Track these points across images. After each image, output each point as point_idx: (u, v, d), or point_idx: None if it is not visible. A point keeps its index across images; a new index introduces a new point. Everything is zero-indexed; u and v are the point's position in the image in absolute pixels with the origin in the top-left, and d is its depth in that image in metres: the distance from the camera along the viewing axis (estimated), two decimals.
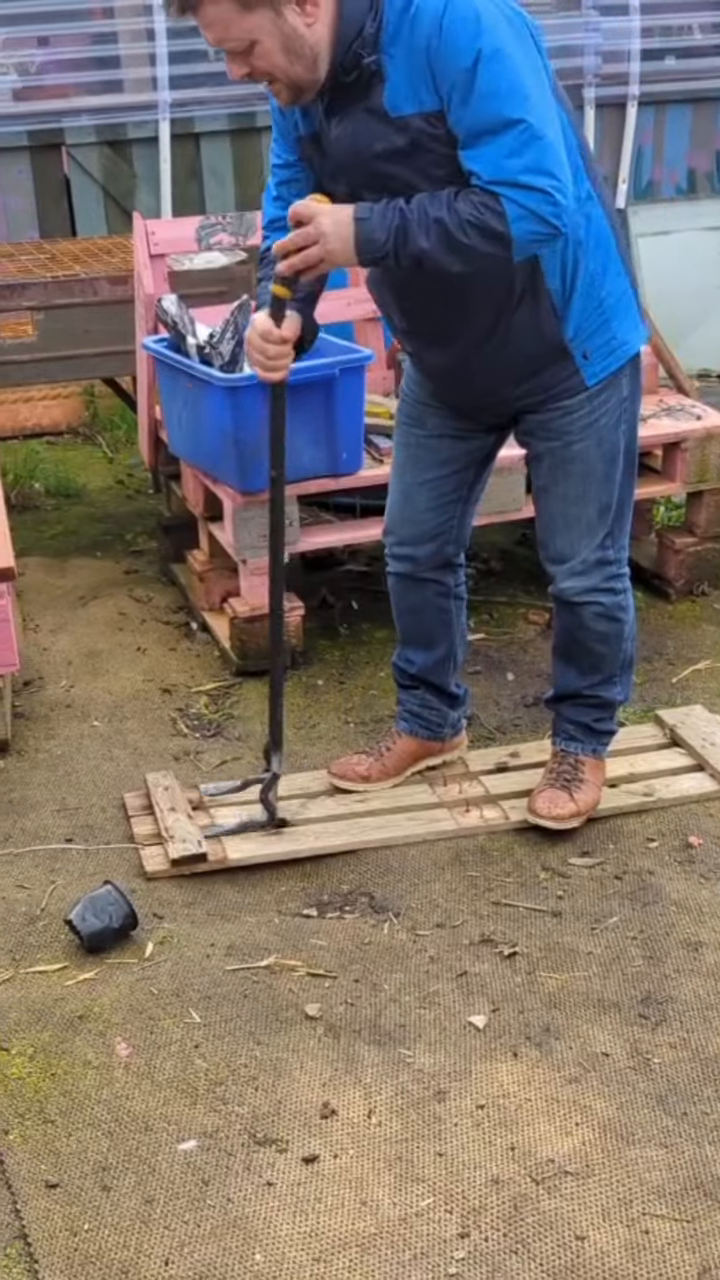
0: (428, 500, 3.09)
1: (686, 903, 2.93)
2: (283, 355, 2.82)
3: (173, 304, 3.83)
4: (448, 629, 3.24)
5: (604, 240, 2.77)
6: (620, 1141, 2.35)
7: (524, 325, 2.76)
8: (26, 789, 3.40)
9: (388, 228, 2.57)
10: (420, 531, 3.12)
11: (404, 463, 3.11)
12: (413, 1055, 2.55)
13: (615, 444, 2.91)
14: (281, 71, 2.55)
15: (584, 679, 3.13)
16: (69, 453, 5.75)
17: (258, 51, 2.53)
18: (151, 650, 4.09)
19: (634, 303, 2.87)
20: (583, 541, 2.97)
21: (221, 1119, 2.42)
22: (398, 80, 2.54)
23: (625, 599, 3.06)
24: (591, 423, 2.87)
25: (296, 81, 2.57)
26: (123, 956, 2.81)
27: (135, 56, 6.22)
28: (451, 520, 3.11)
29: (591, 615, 3.03)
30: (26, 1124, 2.41)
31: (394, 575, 3.22)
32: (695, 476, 4.18)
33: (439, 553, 3.14)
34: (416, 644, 3.26)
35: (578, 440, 2.88)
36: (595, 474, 2.91)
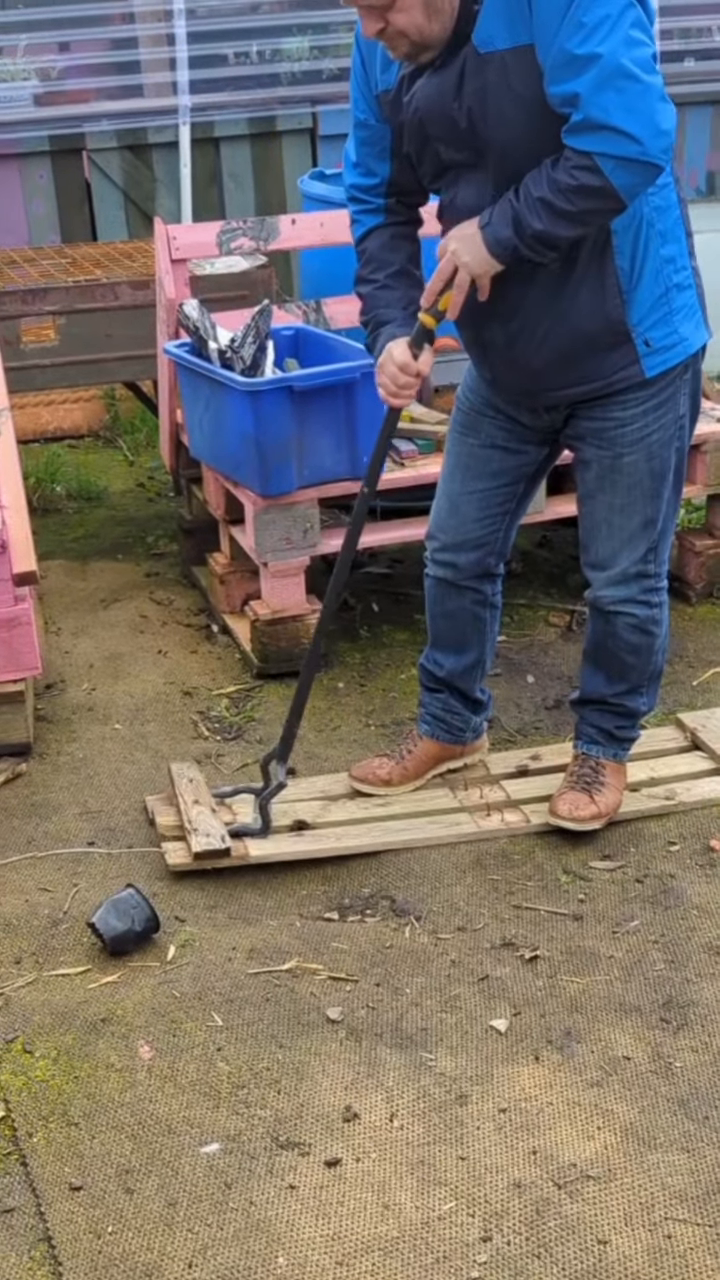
0: (476, 510, 3.09)
1: (708, 906, 2.92)
2: (412, 386, 2.85)
3: (194, 309, 3.84)
4: (480, 636, 3.24)
5: (677, 230, 2.77)
6: (642, 1146, 2.35)
7: (587, 302, 2.75)
8: (49, 792, 3.42)
9: (508, 222, 2.60)
10: (464, 540, 3.12)
11: (454, 470, 3.11)
12: (434, 1059, 2.55)
13: (666, 461, 2.90)
14: (417, 29, 2.54)
15: (610, 686, 3.13)
16: (90, 456, 5.77)
17: (399, 6, 2.51)
18: (173, 653, 4.10)
19: (698, 301, 2.86)
20: (624, 551, 2.97)
21: (244, 1122, 2.42)
22: (492, 13, 2.52)
23: (660, 613, 3.06)
24: (644, 437, 2.86)
25: (428, 38, 2.56)
26: (145, 959, 2.82)
27: (155, 61, 6.25)
28: (497, 532, 3.12)
29: (624, 625, 3.03)
30: (50, 1127, 2.43)
31: (433, 579, 3.22)
32: (715, 479, 4.18)
33: (481, 562, 3.14)
34: (447, 648, 3.25)
35: (628, 453, 2.88)
36: (643, 487, 2.90)
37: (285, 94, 6.45)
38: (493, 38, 2.53)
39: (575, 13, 2.44)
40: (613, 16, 2.43)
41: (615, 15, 2.43)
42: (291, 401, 3.64)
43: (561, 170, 2.53)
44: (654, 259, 2.74)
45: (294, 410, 3.65)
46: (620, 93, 2.45)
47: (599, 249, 2.70)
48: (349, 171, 2.94)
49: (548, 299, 2.76)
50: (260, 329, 3.74)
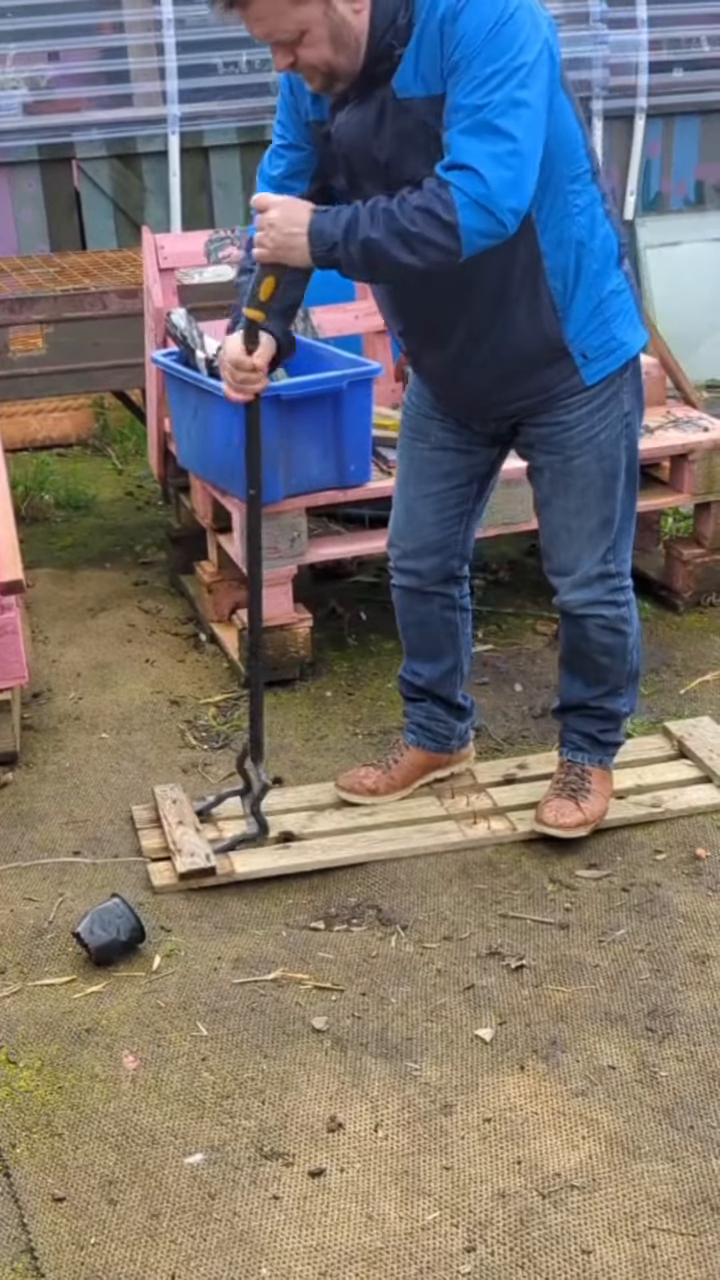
0: (431, 514, 3.09)
1: (694, 915, 2.92)
2: (252, 381, 2.85)
3: (182, 318, 3.84)
4: (454, 641, 3.24)
5: (608, 242, 2.78)
6: (626, 1155, 2.35)
7: (523, 324, 2.76)
8: (35, 801, 3.41)
9: (338, 221, 2.58)
10: (424, 545, 3.12)
11: (407, 476, 3.12)
12: (419, 1068, 2.55)
13: (616, 459, 2.91)
14: (325, 62, 2.56)
15: (589, 690, 3.14)
16: (79, 465, 5.76)
17: (306, 41, 2.53)
18: (160, 662, 4.10)
19: (634, 304, 2.87)
20: (584, 554, 2.98)
21: (228, 1132, 2.42)
22: (409, 62, 2.54)
23: (628, 611, 3.07)
24: (591, 438, 2.87)
25: (337, 71, 2.58)
26: (130, 969, 2.81)
27: (145, 71, 6.25)
28: (455, 534, 3.12)
29: (595, 627, 3.03)
30: (34, 1137, 2.42)
31: (399, 589, 3.23)
32: (703, 488, 4.19)
33: (443, 566, 3.14)
34: (423, 657, 3.26)
35: (577, 455, 2.89)
36: (595, 488, 2.91)
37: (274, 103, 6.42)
38: (409, 85, 2.56)
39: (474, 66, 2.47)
40: (502, 73, 2.46)
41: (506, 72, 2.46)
42: (279, 411, 3.64)
43: (419, 193, 2.54)
44: (586, 274, 2.75)
45: (281, 419, 3.65)
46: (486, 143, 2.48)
47: (531, 272, 2.71)
48: (262, 184, 2.92)
49: (483, 325, 2.77)
50: None
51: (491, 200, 2.48)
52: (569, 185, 2.67)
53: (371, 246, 2.56)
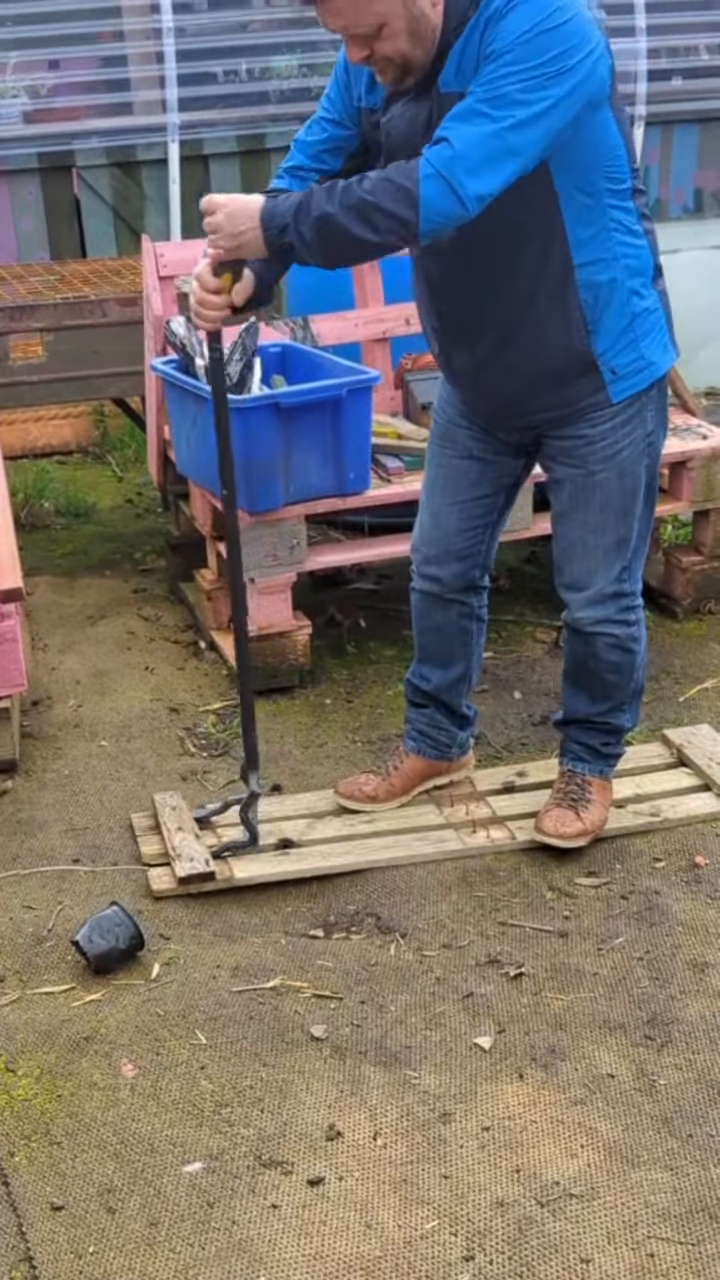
0: (458, 522, 3.09)
1: (693, 923, 2.92)
2: (213, 307, 2.73)
3: (181, 326, 3.85)
4: (467, 649, 3.25)
5: (644, 260, 2.78)
6: (625, 1164, 2.35)
7: (551, 332, 2.76)
8: (34, 809, 3.41)
9: (289, 202, 2.54)
10: (448, 552, 3.13)
11: (435, 482, 3.12)
12: (418, 1077, 2.55)
13: (637, 477, 2.90)
14: (402, 54, 2.54)
15: (593, 706, 3.14)
16: (79, 472, 5.77)
17: (385, 34, 2.51)
18: (159, 669, 4.10)
19: (665, 324, 2.87)
20: (599, 571, 2.97)
21: (227, 1141, 2.42)
22: (454, 57, 2.54)
23: (638, 630, 3.07)
24: (614, 454, 2.87)
25: (412, 64, 2.56)
26: (129, 977, 2.81)
27: (145, 79, 6.27)
28: (480, 543, 3.12)
29: (604, 645, 3.03)
30: (32, 1145, 2.42)
31: (419, 593, 3.22)
32: (702, 495, 4.19)
33: (465, 574, 3.15)
34: (434, 662, 3.26)
35: (600, 470, 2.88)
36: (614, 505, 2.91)
37: (274, 111, 6.48)
38: (450, 81, 2.56)
39: (498, 63, 2.45)
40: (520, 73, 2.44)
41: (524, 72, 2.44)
42: (278, 418, 3.65)
43: (388, 168, 2.52)
44: (620, 290, 2.75)
45: (280, 427, 3.65)
46: (471, 124, 2.46)
47: (563, 281, 2.71)
48: (298, 150, 2.86)
49: (513, 328, 2.77)
50: (247, 346, 3.75)
51: (456, 177, 2.44)
52: (608, 199, 2.67)
53: (326, 221, 2.49)
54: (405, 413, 4.40)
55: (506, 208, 2.57)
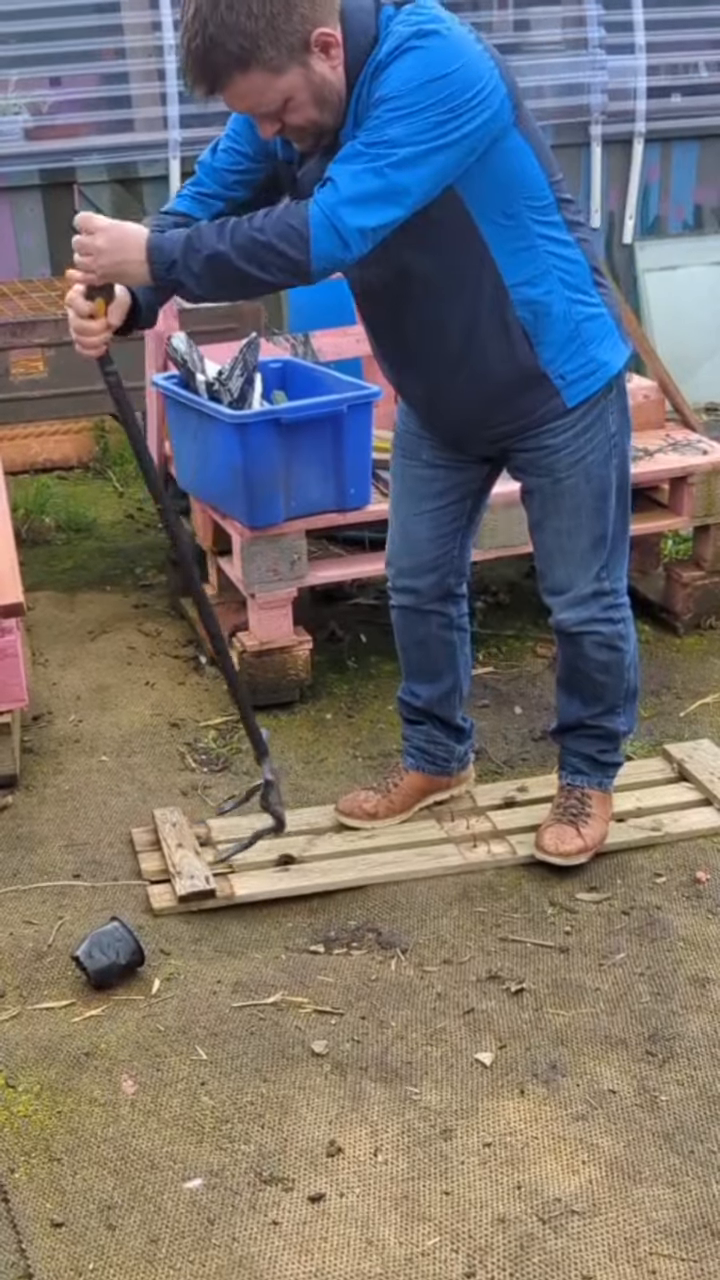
0: (427, 532, 3.10)
1: (694, 938, 2.92)
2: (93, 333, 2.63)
3: (182, 342, 3.85)
4: (452, 661, 3.25)
5: (578, 268, 2.77)
6: (627, 1180, 2.34)
7: (495, 355, 2.77)
8: (35, 824, 3.41)
9: (177, 238, 2.51)
10: (420, 563, 3.13)
11: (401, 494, 3.13)
12: (419, 1093, 2.54)
13: (606, 479, 2.91)
14: (312, 122, 2.54)
15: (587, 709, 3.14)
16: (79, 487, 5.78)
17: (290, 107, 2.51)
18: (160, 684, 4.10)
19: (612, 324, 2.85)
20: (578, 574, 2.98)
21: (227, 1157, 2.41)
22: (351, 110, 2.56)
23: (624, 628, 3.07)
24: (579, 460, 2.88)
25: (324, 128, 2.57)
26: (129, 993, 2.81)
27: (146, 96, 6.29)
28: (451, 551, 3.13)
29: (591, 645, 3.04)
30: (32, 1162, 2.41)
31: (397, 608, 3.23)
32: (702, 510, 4.19)
33: (440, 584, 3.15)
34: (421, 677, 3.26)
35: (566, 477, 2.89)
36: (586, 508, 2.92)
37: None
38: (349, 133, 2.56)
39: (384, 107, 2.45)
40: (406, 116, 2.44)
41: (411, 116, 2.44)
42: (279, 434, 3.65)
43: (278, 209, 2.51)
44: (559, 302, 2.75)
45: (281, 442, 3.66)
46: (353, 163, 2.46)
47: (499, 305, 2.71)
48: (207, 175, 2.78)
49: (456, 358, 2.78)
50: (248, 362, 3.76)
51: (338, 216, 2.44)
52: (531, 218, 2.68)
53: (216, 259, 2.47)
54: None
55: (427, 247, 2.62)
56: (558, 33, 6.77)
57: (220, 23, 2.39)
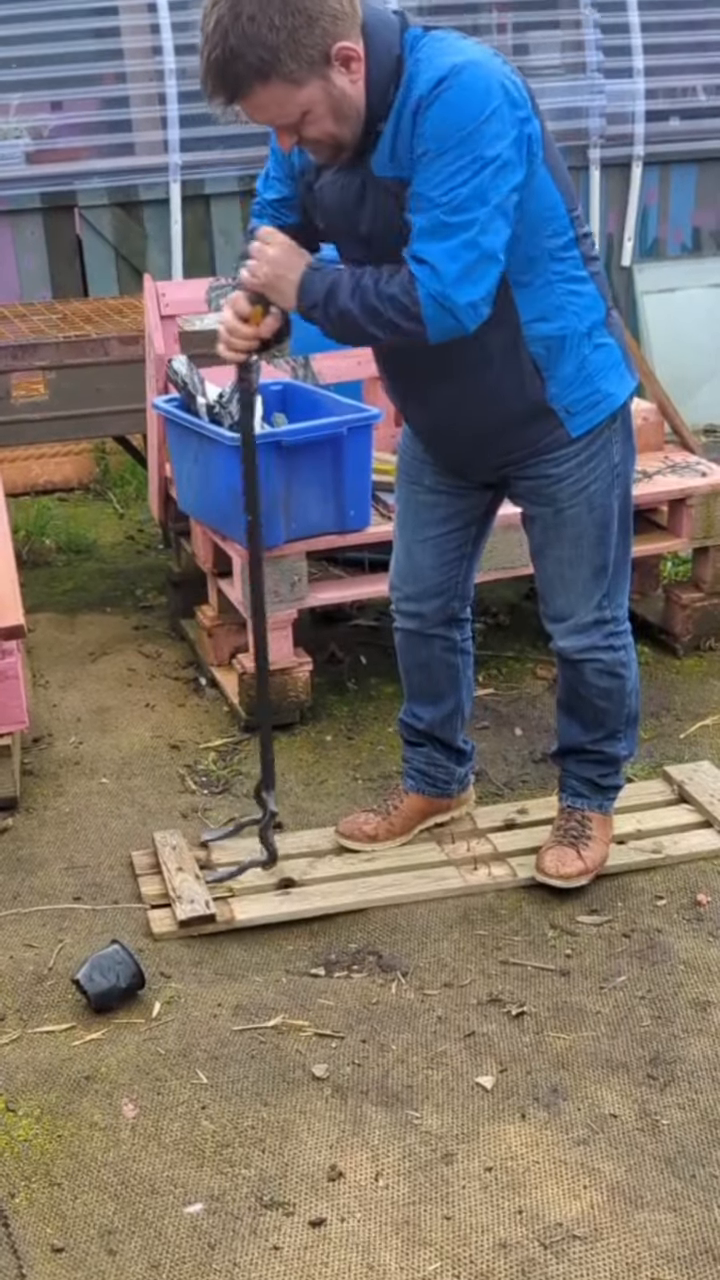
0: (432, 557, 3.11)
1: (695, 961, 2.92)
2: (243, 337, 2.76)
3: (183, 365, 3.87)
4: (455, 684, 3.25)
5: (593, 304, 2.79)
6: (629, 1205, 2.33)
7: (505, 389, 2.78)
8: (35, 847, 3.41)
9: (325, 282, 2.61)
10: (425, 588, 3.14)
11: (406, 519, 3.14)
12: (420, 1116, 2.54)
13: (608, 508, 2.92)
14: (330, 135, 2.56)
15: (587, 734, 3.14)
16: (80, 509, 5.79)
17: (308, 120, 2.52)
18: (160, 706, 4.10)
19: (620, 357, 2.86)
20: (579, 602, 2.99)
21: (228, 1181, 2.40)
22: (386, 143, 2.57)
23: (625, 655, 3.07)
24: (581, 489, 2.88)
25: (342, 142, 2.58)
26: (130, 1016, 2.80)
27: (147, 120, 6.32)
28: (456, 576, 3.13)
29: (592, 672, 3.04)
30: (33, 1186, 2.40)
31: (401, 631, 3.24)
32: (701, 532, 4.20)
33: (445, 608, 3.16)
34: (424, 699, 3.27)
35: (568, 506, 2.90)
36: (588, 537, 2.92)
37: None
38: (385, 166, 2.58)
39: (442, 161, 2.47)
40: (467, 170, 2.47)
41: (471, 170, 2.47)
42: (279, 456, 3.66)
43: (393, 279, 2.56)
44: (571, 338, 2.76)
45: (281, 465, 3.67)
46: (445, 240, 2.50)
47: (513, 342, 2.72)
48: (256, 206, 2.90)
49: (464, 391, 2.79)
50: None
51: (448, 298, 2.51)
52: (550, 256, 2.69)
53: (347, 317, 2.60)
54: None
55: None
56: (556, 57, 6.80)
57: (241, 34, 2.40)
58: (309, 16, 2.42)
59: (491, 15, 6.92)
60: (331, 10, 2.44)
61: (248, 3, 2.38)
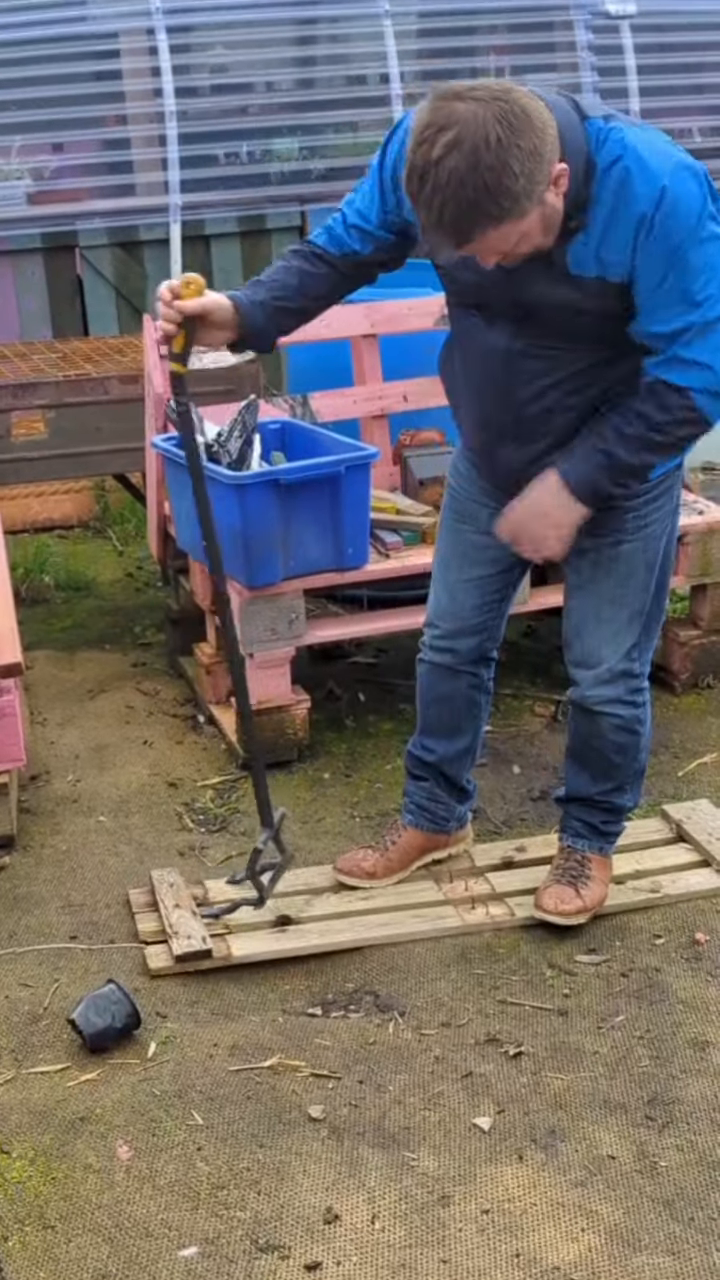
0: (475, 597, 3.11)
1: (693, 1001, 2.90)
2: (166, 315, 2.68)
3: None
4: (475, 721, 3.25)
5: None
6: (627, 1248, 2.31)
7: None
8: (32, 885, 3.40)
9: (596, 466, 2.69)
10: (465, 627, 3.14)
11: (450, 558, 3.12)
12: (417, 1158, 2.52)
13: (657, 553, 2.93)
14: (535, 246, 2.51)
15: (596, 785, 3.13)
16: (79, 546, 5.80)
17: (524, 240, 2.47)
18: (158, 744, 4.10)
19: None
20: (609, 646, 2.97)
21: (223, 1224, 2.39)
22: (590, 244, 2.53)
23: (644, 712, 3.07)
24: (643, 525, 2.88)
25: (542, 251, 2.54)
26: (125, 1056, 2.79)
27: (147, 161, 6.37)
28: (495, 617, 3.15)
29: (610, 726, 3.04)
30: (26, 1229, 2.38)
31: (429, 664, 3.22)
32: (699, 570, 4.21)
33: (479, 647, 3.17)
34: (440, 733, 3.25)
35: (628, 540, 2.89)
36: (637, 578, 2.92)
37: (274, 193, 6.58)
38: (585, 264, 2.55)
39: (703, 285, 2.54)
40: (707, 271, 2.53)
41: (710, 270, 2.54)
42: (277, 494, 3.67)
43: (652, 405, 2.62)
44: None
45: (280, 503, 3.68)
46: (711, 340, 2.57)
47: (629, 385, 2.70)
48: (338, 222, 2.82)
49: (571, 435, 2.76)
50: (247, 423, 3.79)
51: None
52: None
53: (638, 469, 2.70)
54: (403, 488, 4.44)
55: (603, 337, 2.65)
56: None
57: (482, 185, 2.30)
58: (541, 156, 2.36)
59: (489, 58, 6.98)
60: (551, 138, 2.39)
61: (486, 152, 2.29)
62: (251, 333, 2.76)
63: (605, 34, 6.77)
